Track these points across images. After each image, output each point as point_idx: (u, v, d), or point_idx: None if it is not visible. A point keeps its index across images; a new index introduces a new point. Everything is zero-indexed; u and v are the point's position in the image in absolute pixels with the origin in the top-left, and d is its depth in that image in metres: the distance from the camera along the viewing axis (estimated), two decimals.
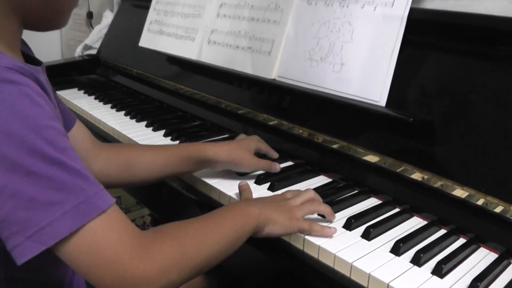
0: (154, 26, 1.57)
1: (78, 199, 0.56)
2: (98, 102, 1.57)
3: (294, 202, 0.81)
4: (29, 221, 0.54)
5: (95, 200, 0.57)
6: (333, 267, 0.75)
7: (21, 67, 0.58)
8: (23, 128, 0.55)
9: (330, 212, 0.83)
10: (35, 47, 0.78)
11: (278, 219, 0.76)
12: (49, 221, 0.54)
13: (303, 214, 0.80)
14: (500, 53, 0.84)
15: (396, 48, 0.92)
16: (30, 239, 0.54)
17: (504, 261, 0.74)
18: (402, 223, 0.85)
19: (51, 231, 0.54)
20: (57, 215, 0.54)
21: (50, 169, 0.55)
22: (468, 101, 0.85)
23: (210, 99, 1.33)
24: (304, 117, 1.08)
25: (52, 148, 0.56)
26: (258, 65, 1.17)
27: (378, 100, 0.93)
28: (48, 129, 0.57)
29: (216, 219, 0.72)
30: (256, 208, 0.75)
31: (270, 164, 0.99)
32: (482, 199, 0.79)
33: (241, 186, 0.89)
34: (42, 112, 0.57)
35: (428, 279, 0.70)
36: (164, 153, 0.95)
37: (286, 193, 0.85)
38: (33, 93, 0.58)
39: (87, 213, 0.56)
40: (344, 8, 1.01)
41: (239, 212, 0.74)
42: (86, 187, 0.57)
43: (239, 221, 0.72)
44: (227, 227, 0.71)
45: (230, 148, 0.97)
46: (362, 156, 0.96)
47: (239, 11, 1.26)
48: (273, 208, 0.78)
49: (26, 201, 0.54)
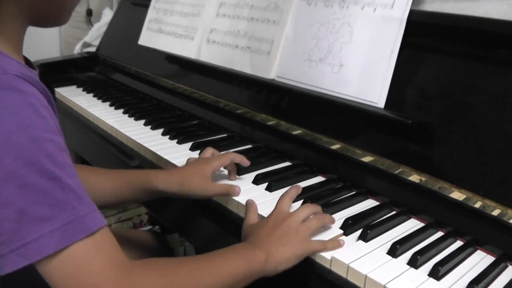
0: (154, 24, 1.57)
1: (68, 217, 0.55)
2: (96, 99, 1.57)
3: (298, 218, 0.77)
4: (16, 234, 0.53)
5: (85, 221, 0.56)
6: (330, 268, 0.74)
7: (29, 76, 0.58)
8: (23, 138, 0.54)
9: (333, 221, 0.81)
10: (34, 45, 0.78)
11: (289, 253, 0.72)
12: (36, 237, 0.53)
13: (311, 233, 0.76)
14: (499, 56, 0.84)
15: (395, 49, 0.92)
16: (15, 252, 0.54)
17: (501, 264, 0.74)
18: (399, 225, 0.85)
19: (36, 247, 0.54)
20: (45, 231, 0.54)
21: (45, 183, 0.54)
22: (467, 104, 0.85)
23: (209, 98, 1.33)
24: (303, 117, 1.08)
25: (50, 162, 0.55)
26: (257, 65, 1.17)
27: (377, 101, 0.93)
28: (48, 142, 0.56)
29: (215, 261, 0.68)
30: (262, 253, 0.71)
31: (227, 189, 0.90)
32: (480, 202, 0.79)
33: (247, 204, 0.83)
34: (45, 124, 0.57)
35: (425, 281, 0.70)
36: (115, 178, 0.92)
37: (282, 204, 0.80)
38: (38, 103, 0.57)
39: (75, 233, 0.55)
40: (344, 9, 1.01)
41: (243, 258, 0.70)
42: (77, 206, 0.56)
43: (241, 266, 0.69)
44: (226, 271, 0.67)
45: (182, 178, 0.89)
46: (360, 157, 0.96)
47: (239, 10, 1.26)
48: (280, 241, 0.73)
49: (15, 213, 0.53)
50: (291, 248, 0.73)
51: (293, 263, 0.73)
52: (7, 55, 0.60)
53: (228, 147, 1.14)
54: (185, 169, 0.92)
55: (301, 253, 0.74)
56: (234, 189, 0.90)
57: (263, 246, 0.72)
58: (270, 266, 0.71)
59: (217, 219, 0.91)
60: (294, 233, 0.74)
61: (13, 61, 0.59)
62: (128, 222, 1.74)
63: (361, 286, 0.71)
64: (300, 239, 0.74)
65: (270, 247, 0.72)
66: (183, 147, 1.16)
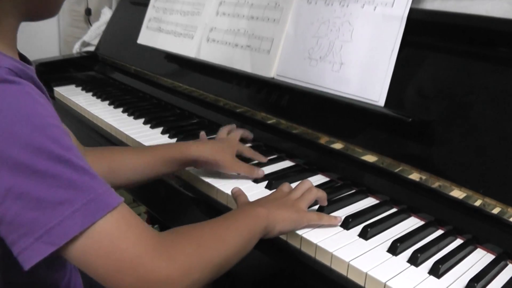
0: (153, 23, 1.57)
1: (87, 196, 0.54)
2: (95, 99, 1.56)
3: (295, 195, 0.82)
4: (38, 222, 0.52)
5: (105, 198, 0.56)
6: (330, 266, 0.74)
7: (21, 69, 0.58)
8: (26, 127, 0.54)
9: (325, 197, 0.85)
10: (33, 44, 0.78)
11: (286, 215, 0.77)
12: (58, 221, 0.53)
13: (307, 204, 0.81)
14: (500, 55, 0.84)
15: (396, 48, 0.92)
16: (39, 240, 0.53)
17: (501, 262, 0.74)
18: (400, 223, 0.85)
19: (61, 231, 0.53)
20: (66, 214, 0.53)
21: (57, 168, 0.54)
22: (467, 102, 0.85)
23: (209, 97, 1.33)
24: (303, 116, 1.08)
25: (57, 146, 0.55)
26: (257, 63, 1.17)
27: (377, 100, 0.93)
28: (52, 127, 0.56)
29: (228, 221, 0.71)
30: (264, 208, 0.75)
31: (251, 170, 0.97)
32: (480, 200, 0.79)
33: (234, 192, 0.86)
34: (45, 111, 0.57)
35: (425, 279, 0.70)
36: (147, 155, 0.94)
37: (283, 186, 0.85)
38: (34, 92, 0.57)
39: (97, 210, 0.55)
40: (344, 7, 1.01)
41: (248, 214, 0.74)
42: (94, 184, 0.56)
43: (249, 221, 0.72)
44: (240, 227, 0.70)
45: (213, 148, 0.97)
46: (360, 156, 0.95)
47: (239, 9, 1.26)
48: (278, 206, 0.78)
49: (33, 202, 0.52)
50: (288, 213, 0.77)
51: (290, 227, 0.78)
52: (0, 52, 0.60)
53: None
54: (215, 143, 1.01)
55: (298, 219, 0.78)
56: (258, 171, 0.97)
57: (264, 205, 0.77)
58: (271, 222, 0.74)
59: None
60: (291, 204, 0.80)
61: (7, 57, 0.59)
62: None
63: (361, 284, 0.71)
64: (297, 209, 0.79)
65: (270, 206, 0.77)
66: None
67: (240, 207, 0.81)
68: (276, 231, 0.75)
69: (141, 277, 0.55)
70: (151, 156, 0.94)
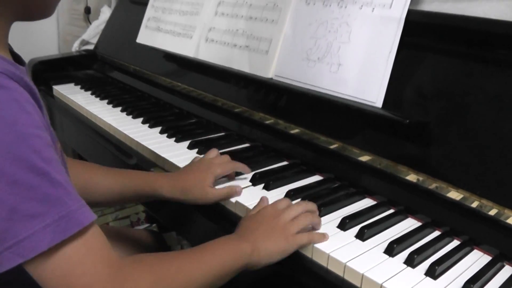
0: (152, 23, 1.57)
1: (59, 213, 0.55)
2: (94, 97, 1.57)
3: (288, 216, 0.78)
4: (9, 232, 0.53)
5: (77, 216, 0.56)
6: (327, 267, 0.75)
7: (12, 73, 0.57)
8: (9, 135, 0.53)
9: (320, 223, 0.81)
10: (32, 43, 0.78)
11: (273, 247, 0.74)
12: (28, 234, 0.53)
13: (299, 229, 0.77)
14: (497, 57, 0.84)
15: (394, 49, 0.92)
16: (9, 251, 0.53)
17: (497, 264, 0.75)
18: (397, 224, 0.85)
19: (30, 244, 0.53)
20: (37, 228, 0.53)
21: (35, 179, 0.54)
22: (464, 104, 0.85)
23: (207, 97, 1.33)
24: (300, 116, 1.08)
25: (38, 158, 0.55)
26: (255, 64, 1.17)
27: (375, 101, 0.94)
28: (35, 138, 0.56)
29: (203, 255, 0.69)
30: (248, 245, 0.73)
31: (228, 192, 0.91)
32: (477, 201, 0.80)
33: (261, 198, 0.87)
34: (30, 119, 0.56)
35: (421, 280, 0.70)
36: (122, 183, 0.93)
37: (280, 202, 0.82)
38: (22, 99, 0.56)
39: (67, 228, 0.55)
40: (342, 8, 1.02)
41: (230, 251, 0.72)
42: (68, 201, 0.56)
43: (228, 260, 0.70)
44: (214, 266, 0.69)
45: (185, 187, 0.90)
46: (357, 157, 0.96)
47: (237, 9, 1.26)
48: (267, 235, 0.75)
49: (7, 211, 0.53)
50: (276, 243, 0.75)
51: (277, 258, 0.75)
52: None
53: (225, 145, 1.14)
54: (188, 177, 0.92)
55: (285, 248, 0.75)
56: (236, 190, 0.91)
57: (249, 238, 0.74)
58: (255, 259, 0.73)
59: (214, 217, 0.91)
60: (281, 229, 0.76)
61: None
62: (125, 220, 1.74)
63: (358, 285, 0.71)
64: (286, 235, 0.76)
65: (255, 239, 0.74)
66: (181, 145, 1.16)
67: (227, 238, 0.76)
68: (261, 264, 0.74)
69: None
70: (124, 182, 0.93)
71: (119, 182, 0.93)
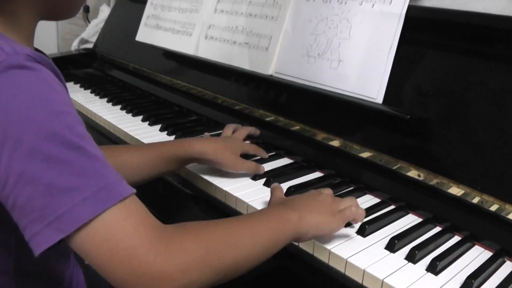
0: (151, 20, 1.57)
1: (98, 184, 0.54)
2: (94, 96, 1.57)
3: (335, 199, 0.79)
4: (48, 208, 0.52)
5: (116, 187, 0.55)
6: (328, 263, 0.75)
7: (40, 56, 0.58)
8: (41, 112, 0.53)
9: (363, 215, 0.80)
10: None
11: (321, 219, 0.73)
12: (68, 208, 0.52)
13: (344, 207, 0.77)
14: (497, 52, 0.84)
15: (394, 45, 0.92)
16: (49, 227, 0.52)
17: (498, 259, 0.75)
18: (398, 220, 0.85)
19: (70, 218, 0.52)
20: (76, 200, 0.52)
21: (69, 154, 0.53)
22: (465, 99, 0.85)
23: (207, 94, 1.33)
24: (301, 113, 1.08)
25: (71, 133, 0.54)
26: (255, 60, 1.17)
27: (375, 97, 0.93)
28: (67, 114, 0.56)
29: (250, 222, 0.67)
30: (295, 213, 0.71)
31: (254, 167, 0.96)
32: (478, 197, 0.80)
33: (272, 187, 0.86)
34: (60, 98, 0.56)
35: (422, 275, 0.70)
36: (150, 154, 0.93)
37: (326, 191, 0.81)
38: (51, 79, 0.57)
39: (107, 199, 0.54)
40: (342, 4, 1.01)
41: (276, 217, 0.70)
42: (106, 173, 0.55)
43: (275, 226, 0.68)
44: (261, 231, 0.66)
45: (216, 146, 0.95)
46: (358, 153, 0.96)
47: (237, 6, 1.25)
48: (314, 207, 0.74)
49: (44, 188, 0.52)
50: (322, 215, 0.74)
51: (323, 231, 0.74)
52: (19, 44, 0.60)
53: None
54: (219, 141, 0.99)
55: (331, 222, 0.74)
56: (259, 168, 0.97)
57: (296, 208, 0.73)
58: (303, 228, 0.71)
59: (214, 213, 0.91)
60: (328, 205, 0.76)
61: (24, 47, 0.59)
62: None
63: (359, 281, 0.71)
64: (332, 210, 0.76)
65: (303, 209, 0.73)
66: None
67: (272, 206, 0.78)
68: (309, 236, 0.73)
69: (134, 270, 0.53)
70: (154, 155, 0.93)
71: (147, 155, 0.93)
